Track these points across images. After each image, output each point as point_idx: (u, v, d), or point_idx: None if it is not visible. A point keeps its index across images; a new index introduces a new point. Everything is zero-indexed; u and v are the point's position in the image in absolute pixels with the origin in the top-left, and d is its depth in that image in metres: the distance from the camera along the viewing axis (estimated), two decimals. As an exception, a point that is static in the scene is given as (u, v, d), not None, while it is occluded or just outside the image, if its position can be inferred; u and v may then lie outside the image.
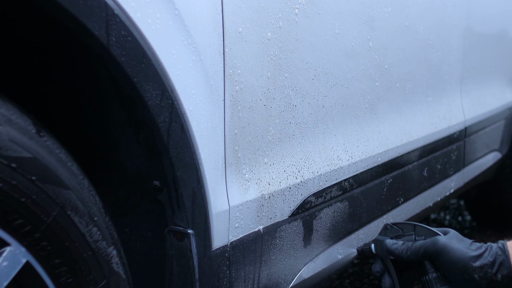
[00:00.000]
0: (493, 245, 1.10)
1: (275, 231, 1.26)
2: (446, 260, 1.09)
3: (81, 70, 1.01)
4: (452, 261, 1.08)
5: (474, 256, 1.07)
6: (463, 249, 1.08)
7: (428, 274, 1.11)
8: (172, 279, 1.09)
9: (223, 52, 1.09)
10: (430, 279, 1.11)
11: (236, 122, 1.15)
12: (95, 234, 0.93)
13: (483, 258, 1.08)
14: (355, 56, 1.47)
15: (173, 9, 0.99)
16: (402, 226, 1.16)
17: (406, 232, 1.17)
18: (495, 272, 1.07)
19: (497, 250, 1.09)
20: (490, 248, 1.09)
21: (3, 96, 0.86)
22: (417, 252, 1.12)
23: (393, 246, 1.15)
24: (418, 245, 1.12)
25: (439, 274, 1.11)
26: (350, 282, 2.61)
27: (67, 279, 0.89)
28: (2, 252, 0.82)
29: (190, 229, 1.06)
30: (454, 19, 2.03)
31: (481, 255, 1.08)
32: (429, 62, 1.89)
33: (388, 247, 1.15)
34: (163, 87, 0.98)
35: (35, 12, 0.90)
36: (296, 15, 1.26)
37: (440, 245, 1.10)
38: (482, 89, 2.38)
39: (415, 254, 1.12)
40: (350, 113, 1.49)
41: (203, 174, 1.08)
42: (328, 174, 1.40)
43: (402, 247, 1.14)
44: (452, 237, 1.12)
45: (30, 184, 0.83)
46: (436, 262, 1.11)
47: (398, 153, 1.70)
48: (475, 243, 1.12)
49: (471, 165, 2.27)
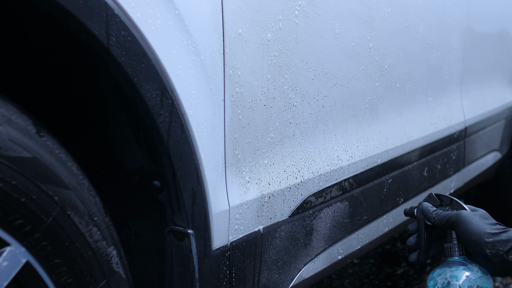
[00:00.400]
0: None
1: (275, 231, 1.26)
2: (463, 230, 1.15)
3: (81, 70, 1.01)
4: (468, 233, 1.14)
5: (489, 233, 1.13)
6: (481, 224, 1.15)
7: (451, 242, 1.19)
8: (172, 279, 1.09)
9: (223, 52, 1.10)
10: (451, 246, 1.19)
11: (236, 122, 1.15)
12: (95, 234, 0.93)
13: (497, 236, 1.13)
14: (355, 56, 1.47)
15: (173, 9, 0.99)
16: (443, 197, 1.27)
17: (444, 203, 1.27)
18: (507, 251, 1.11)
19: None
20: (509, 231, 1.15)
21: (3, 96, 0.86)
22: (442, 218, 1.20)
23: (426, 208, 1.24)
24: (445, 213, 1.21)
25: (460, 245, 1.19)
26: (350, 282, 2.61)
27: (67, 279, 0.89)
28: (2, 252, 0.82)
29: (190, 229, 1.06)
30: (454, 19, 2.03)
31: (497, 234, 1.14)
32: (429, 62, 1.89)
33: (423, 208, 1.25)
34: (163, 87, 0.98)
35: (35, 12, 0.90)
36: (296, 15, 1.26)
37: (461, 216, 1.17)
38: (482, 89, 2.38)
39: (440, 220, 1.21)
40: (350, 113, 1.49)
41: (203, 174, 1.08)
42: (328, 174, 1.40)
43: (433, 212, 1.23)
44: (477, 214, 1.18)
45: (30, 184, 0.83)
46: (456, 231, 1.18)
47: (398, 153, 1.70)
48: (498, 224, 1.17)
49: (471, 165, 2.27)
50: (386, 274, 2.70)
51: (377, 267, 2.78)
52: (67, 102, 1.09)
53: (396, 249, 2.99)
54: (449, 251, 1.19)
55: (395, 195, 1.71)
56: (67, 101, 1.09)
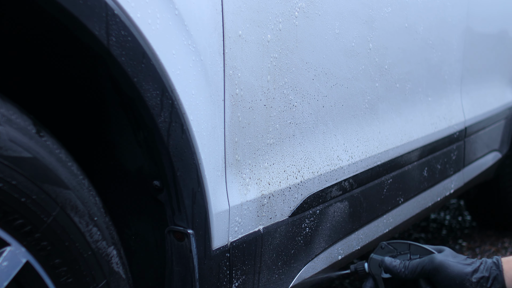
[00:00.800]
0: (488, 260, 1.14)
1: (275, 231, 1.26)
2: (444, 276, 1.12)
3: (81, 70, 1.01)
4: (450, 277, 1.11)
5: (471, 271, 1.11)
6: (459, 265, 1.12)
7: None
8: (172, 279, 1.09)
9: (223, 52, 1.09)
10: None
11: (236, 122, 1.15)
12: (95, 234, 0.93)
13: (479, 272, 1.11)
14: (355, 56, 1.47)
15: (173, 9, 0.99)
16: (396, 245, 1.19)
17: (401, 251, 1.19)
18: (490, 286, 1.10)
19: (491, 265, 1.12)
20: (485, 262, 1.13)
21: (3, 96, 0.86)
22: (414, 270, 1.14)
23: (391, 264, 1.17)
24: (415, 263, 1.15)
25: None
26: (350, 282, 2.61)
27: (67, 279, 0.89)
28: (2, 252, 0.82)
29: (190, 229, 1.06)
30: (454, 19, 2.03)
31: (477, 269, 1.12)
32: (429, 62, 1.89)
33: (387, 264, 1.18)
34: (163, 87, 0.98)
35: (35, 12, 0.89)
36: (296, 16, 1.26)
37: (437, 262, 1.13)
38: (482, 89, 2.38)
39: (412, 272, 1.15)
40: (350, 113, 1.49)
41: (203, 174, 1.08)
42: (328, 174, 1.40)
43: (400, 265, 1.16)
44: (447, 255, 1.15)
45: (30, 184, 0.83)
46: (434, 279, 1.14)
47: (398, 153, 1.70)
48: (469, 258, 1.15)
49: (471, 165, 2.27)
50: (386, 274, 2.70)
51: (377, 267, 2.78)
52: (67, 102, 1.09)
53: (396, 249, 2.99)
54: None
55: (395, 195, 1.71)
56: (67, 101, 1.09)
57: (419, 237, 3.11)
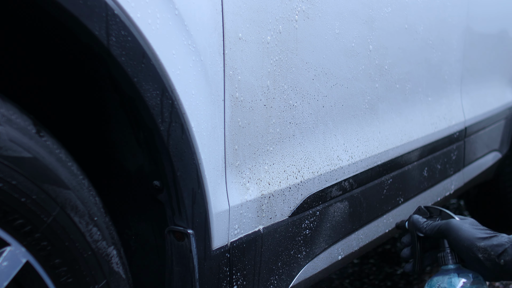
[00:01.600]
0: (504, 235, 1.19)
1: (275, 231, 1.26)
2: (454, 238, 1.19)
3: (81, 70, 1.01)
4: (459, 239, 1.18)
5: (480, 237, 1.17)
6: (471, 230, 1.19)
7: (444, 251, 1.23)
8: (172, 279, 1.09)
9: (223, 52, 1.10)
10: (444, 255, 1.23)
11: (236, 122, 1.15)
12: (95, 234, 0.93)
13: (488, 240, 1.16)
14: (355, 56, 1.47)
15: (173, 9, 0.99)
16: (432, 209, 1.32)
17: (433, 214, 1.31)
18: (498, 256, 1.14)
19: (506, 239, 1.17)
20: (499, 236, 1.18)
21: (3, 96, 0.86)
22: (433, 229, 1.25)
23: (417, 221, 1.29)
24: (435, 224, 1.26)
25: (453, 253, 1.22)
26: (350, 282, 2.61)
27: (67, 279, 0.89)
28: (2, 252, 0.82)
29: (190, 229, 1.06)
30: (454, 19, 2.03)
31: (488, 238, 1.17)
32: (429, 62, 1.89)
33: (414, 221, 1.30)
34: (163, 87, 0.98)
35: (35, 12, 0.90)
36: (296, 16, 1.26)
37: (451, 225, 1.21)
38: (482, 89, 2.38)
39: (431, 230, 1.25)
40: (350, 113, 1.49)
41: (203, 174, 1.08)
42: (328, 174, 1.40)
43: (424, 224, 1.28)
44: (465, 222, 1.22)
45: (30, 184, 0.84)
46: (448, 240, 1.22)
47: (398, 153, 1.70)
48: (488, 230, 1.20)
49: (471, 165, 2.27)
50: (386, 274, 2.70)
51: (377, 267, 2.78)
52: (67, 102, 1.09)
53: (396, 249, 2.99)
54: (443, 260, 1.23)
55: (395, 195, 1.71)
56: (67, 101, 1.09)
57: (419, 237, 3.10)
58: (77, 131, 1.11)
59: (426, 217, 1.30)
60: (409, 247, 1.31)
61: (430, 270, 2.70)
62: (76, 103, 1.09)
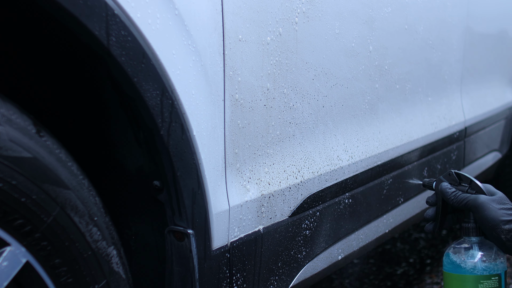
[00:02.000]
0: None
1: (275, 231, 1.26)
2: (481, 216, 1.21)
3: (81, 70, 1.01)
4: (485, 219, 1.20)
5: (505, 220, 1.19)
6: (498, 211, 1.20)
7: (469, 223, 1.25)
8: (172, 279, 1.09)
9: (223, 52, 1.10)
10: (469, 227, 1.25)
11: (236, 122, 1.15)
12: (95, 234, 0.93)
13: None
14: (355, 56, 1.47)
15: (173, 9, 0.99)
16: (462, 177, 1.31)
17: (462, 182, 1.30)
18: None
19: None
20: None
21: (3, 96, 0.86)
22: (460, 201, 1.25)
23: (445, 189, 1.29)
24: (463, 196, 1.26)
25: (477, 226, 1.25)
26: (350, 282, 2.61)
27: (67, 279, 0.89)
28: (2, 252, 0.82)
29: (190, 229, 1.06)
30: (454, 19, 2.03)
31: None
32: (429, 62, 1.89)
33: (442, 188, 1.30)
34: (163, 87, 0.98)
35: (35, 12, 0.90)
36: (296, 16, 1.26)
37: (479, 202, 1.22)
38: (482, 89, 2.38)
39: (458, 202, 1.26)
40: (350, 113, 1.49)
41: (203, 174, 1.08)
42: (328, 174, 1.40)
43: (452, 193, 1.28)
44: (494, 199, 1.23)
45: (30, 184, 0.83)
46: (474, 216, 1.24)
47: (398, 153, 1.70)
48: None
49: (471, 165, 2.27)
50: (386, 274, 2.70)
51: (377, 267, 2.78)
52: (67, 102, 1.09)
53: (396, 249, 2.99)
54: (467, 231, 1.25)
55: (395, 195, 1.71)
56: (67, 101, 1.09)
57: (419, 237, 3.11)
58: (77, 131, 1.11)
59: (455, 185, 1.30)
60: (433, 208, 1.33)
61: (430, 270, 2.70)
62: (76, 103, 1.09)
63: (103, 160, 1.12)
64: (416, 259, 2.85)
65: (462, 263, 1.22)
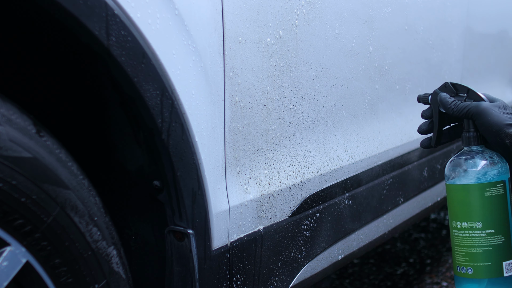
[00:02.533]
0: None
1: (275, 231, 1.26)
2: (484, 122, 1.18)
3: (81, 70, 1.01)
4: (488, 124, 1.17)
5: (508, 124, 1.16)
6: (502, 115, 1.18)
7: (469, 132, 1.21)
8: (172, 279, 1.09)
9: (223, 52, 1.10)
10: (469, 136, 1.21)
11: (236, 122, 1.15)
12: (95, 234, 0.93)
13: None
14: (355, 56, 1.47)
15: (173, 9, 0.99)
16: (458, 87, 1.28)
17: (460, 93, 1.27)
18: None
19: None
20: None
21: (3, 96, 0.86)
22: (462, 110, 1.22)
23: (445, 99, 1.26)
24: (464, 104, 1.23)
25: (478, 134, 1.21)
26: (350, 282, 2.61)
27: (67, 279, 0.89)
28: (2, 252, 0.82)
29: (190, 229, 1.06)
30: (454, 19, 2.03)
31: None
32: (429, 62, 1.89)
33: (441, 98, 1.27)
34: (163, 87, 0.98)
35: (35, 12, 0.90)
36: (296, 16, 1.26)
37: (481, 108, 1.19)
38: (482, 89, 2.37)
39: (459, 111, 1.23)
40: (350, 113, 1.49)
41: (203, 174, 1.08)
42: (328, 174, 1.40)
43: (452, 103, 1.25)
44: (496, 105, 1.20)
45: (30, 184, 0.84)
46: (476, 122, 1.21)
47: (398, 153, 1.70)
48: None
49: (471, 165, 2.27)
50: (386, 274, 2.70)
51: (377, 267, 2.78)
52: (67, 102, 1.09)
53: (396, 249, 2.99)
54: (468, 141, 1.21)
55: (395, 195, 1.71)
56: (67, 101, 1.09)
57: (419, 237, 3.11)
58: (77, 131, 1.11)
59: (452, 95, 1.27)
60: (427, 122, 1.29)
61: (430, 270, 2.70)
62: (76, 103, 1.09)
63: (103, 160, 1.12)
64: (416, 259, 2.85)
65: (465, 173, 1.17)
